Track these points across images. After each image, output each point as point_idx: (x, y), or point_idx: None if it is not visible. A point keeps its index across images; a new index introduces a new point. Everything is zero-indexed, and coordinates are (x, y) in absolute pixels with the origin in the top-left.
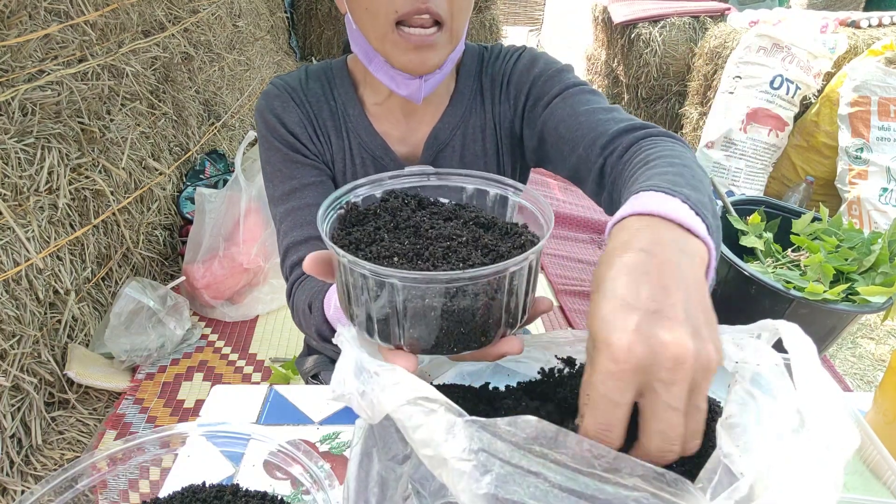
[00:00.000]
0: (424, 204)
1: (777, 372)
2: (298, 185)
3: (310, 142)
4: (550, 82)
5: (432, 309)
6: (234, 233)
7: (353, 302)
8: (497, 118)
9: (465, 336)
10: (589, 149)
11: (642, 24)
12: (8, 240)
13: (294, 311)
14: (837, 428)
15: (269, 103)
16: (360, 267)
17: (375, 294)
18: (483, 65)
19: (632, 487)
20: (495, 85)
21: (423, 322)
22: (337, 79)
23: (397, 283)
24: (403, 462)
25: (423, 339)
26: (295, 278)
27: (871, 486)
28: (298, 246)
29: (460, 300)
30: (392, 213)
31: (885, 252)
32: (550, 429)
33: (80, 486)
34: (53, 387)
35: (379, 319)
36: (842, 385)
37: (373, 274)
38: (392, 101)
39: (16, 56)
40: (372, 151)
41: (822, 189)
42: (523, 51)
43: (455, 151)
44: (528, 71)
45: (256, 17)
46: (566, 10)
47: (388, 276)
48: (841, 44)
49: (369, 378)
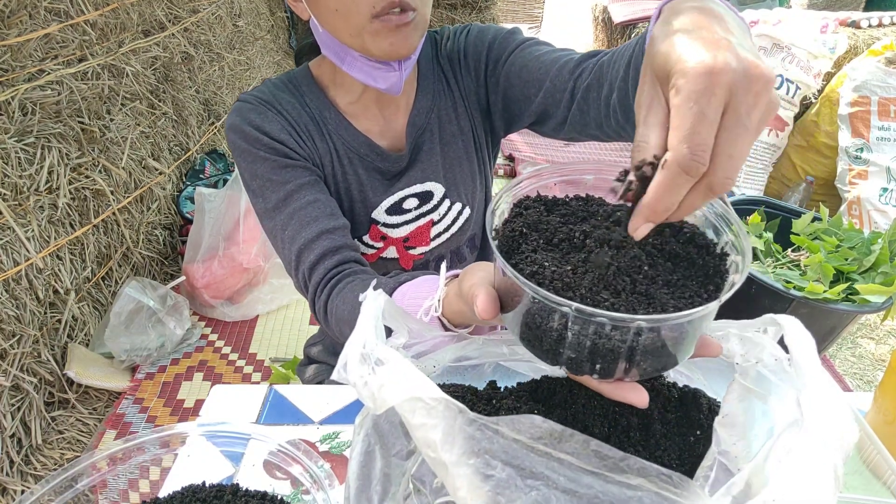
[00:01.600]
0: (550, 205)
1: (777, 368)
2: (294, 187)
3: (296, 146)
4: (504, 42)
5: (669, 339)
6: (234, 232)
7: (568, 348)
8: (464, 93)
9: (676, 361)
10: (555, 79)
11: (642, 24)
12: (8, 239)
13: (331, 319)
14: (836, 422)
15: (244, 116)
16: (594, 316)
17: (610, 335)
18: (437, 48)
19: (636, 487)
20: (454, 63)
21: (654, 355)
22: (304, 87)
23: (643, 324)
24: (408, 458)
25: (652, 366)
26: (319, 280)
27: (871, 486)
28: (312, 245)
29: (693, 325)
30: (535, 227)
31: (885, 252)
32: (556, 428)
33: (80, 485)
34: (53, 386)
35: (606, 360)
36: (842, 385)
37: (611, 321)
38: (367, 98)
39: (16, 55)
40: (357, 150)
41: (822, 189)
42: (470, 27)
43: (433, 134)
44: (482, 40)
45: (256, 17)
46: (566, 10)
47: (632, 321)
48: (841, 44)
49: (373, 367)
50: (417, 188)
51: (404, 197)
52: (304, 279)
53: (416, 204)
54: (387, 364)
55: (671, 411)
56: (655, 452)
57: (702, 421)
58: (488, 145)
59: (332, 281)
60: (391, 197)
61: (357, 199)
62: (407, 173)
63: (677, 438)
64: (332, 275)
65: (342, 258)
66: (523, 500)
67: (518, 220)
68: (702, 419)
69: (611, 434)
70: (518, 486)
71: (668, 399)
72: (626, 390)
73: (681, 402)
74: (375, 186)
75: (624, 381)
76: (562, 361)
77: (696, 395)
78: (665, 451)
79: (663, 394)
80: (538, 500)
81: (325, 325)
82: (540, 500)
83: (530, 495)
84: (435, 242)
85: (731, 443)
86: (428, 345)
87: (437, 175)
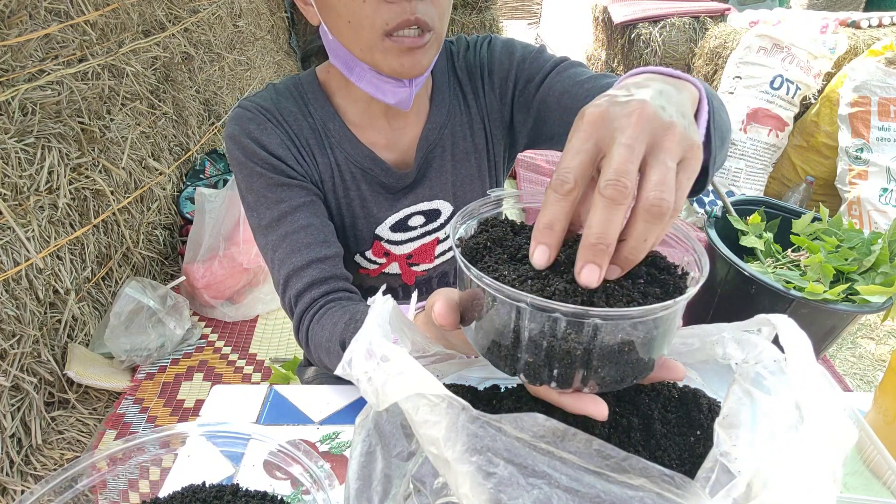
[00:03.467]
0: (517, 229)
1: (776, 369)
2: (288, 208)
3: (295, 162)
4: (536, 63)
5: (625, 344)
6: (235, 233)
7: (525, 351)
8: (484, 111)
9: (634, 374)
10: None
11: (642, 24)
12: (8, 240)
13: (310, 346)
14: (834, 423)
15: (243, 127)
16: (550, 311)
17: (566, 334)
18: (454, 59)
19: (638, 487)
20: (475, 77)
21: (612, 359)
22: (309, 94)
23: (598, 321)
24: (409, 459)
25: (611, 376)
26: (304, 309)
27: (871, 486)
28: (301, 273)
29: (650, 333)
30: (500, 243)
31: (885, 252)
32: (559, 427)
33: (80, 486)
34: (53, 387)
35: (563, 364)
36: (842, 385)
37: (571, 316)
38: (374, 109)
39: (16, 56)
40: (360, 163)
41: (822, 189)
42: (490, 38)
43: (445, 151)
44: (509, 57)
45: (257, 17)
46: (566, 10)
47: (587, 315)
48: (841, 44)
49: (378, 363)
50: (424, 206)
51: (410, 214)
52: (290, 305)
53: (422, 221)
54: (392, 361)
55: (671, 411)
56: (656, 452)
57: (702, 421)
58: (505, 160)
59: (315, 309)
60: (396, 214)
61: (360, 214)
62: (414, 190)
63: (677, 438)
64: (318, 305)
65: (329, 288)
66: (525, 499)
67: (483, 235)
68: (702, 419)
69: (611, 434)
70: (520, 484)
71: (668, 399)
72: (586, 402)
73: (681, 402)
74: (380, 202)
75: (583, 393)
76: (520, 368)
77: (696, 395)
78: (665, 451)
79: (663, 394)
80: (540, 498)
81: (306, 351)
82: (542, 499)
83: (532, 493)
84: (439, 260)
85: (731, 444)
86: (429, 360)
87: (447, 193)
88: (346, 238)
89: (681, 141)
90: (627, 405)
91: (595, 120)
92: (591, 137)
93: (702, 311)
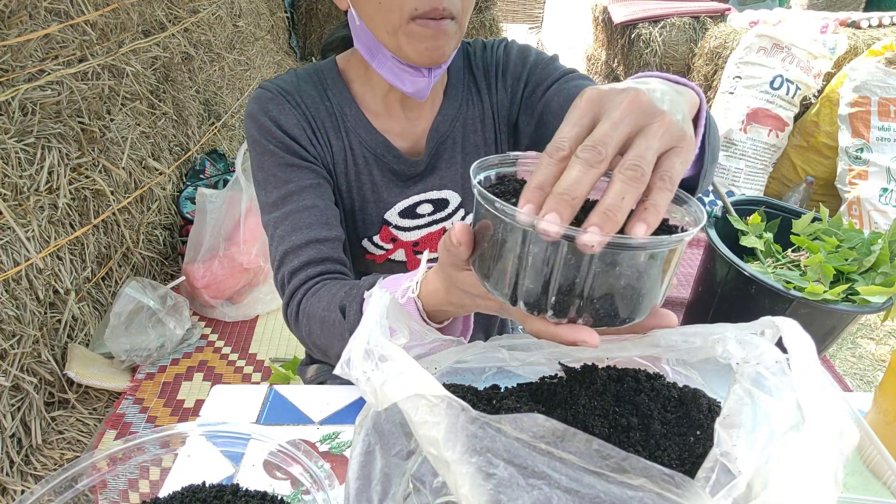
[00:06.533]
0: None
1: (778, 370)
2: (295, 188)
3: (309, 144)
4: (547, 69)
5: (622, 276)
6: (235, 233)
7: (527, 276)
8: (495, 107)
9: (629, 311)
10: None
11: (642, 24)
12: (8, 240)
13: (303, 320)
14: (837, 424)
15: (262, 106)
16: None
17: (567, 261)
18: (470, 58)
19: (638, 487)
20: (489, 75)
21: (609, 292)
22: (329, 80)
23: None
24: (408, 458)
25: (605, 308)
26: (297, 286)
27: (871, 486)
28: (298, 251)
29: (652, 266)
30: (514, 194)
31: (885, 252)
32: (559, 427)
33: (80, 486)
34: (53, 387)
35: (561, 291)
36: (842, 385)
37: (569, 239)
38: (391, 98)
39: (16, 56)
40: (373, 149)
41: (822, 189)
42: (508, 42)
43: (456, 143)
44: (524, 60)
45: (257, 17)
46: (566, 11)
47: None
48: (841, 44)
49: (377, 363)
50: (434, 195)
51: (419, 202)
52: (283, 281)
53: (430, 210)
54: (390, 361)
55: (671, 411)
56: (655, 452)
57: (702, 421)
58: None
59: (310, 284)
60: (406, 200)
61: (370, 198)
62: (424, 178)
63: (677, 438)
64: (311, 283)
65: (325, 269)
66: (525, 499)
67: (500, 186)
68: (702, 419)
69: (611, 434)
70: (520, 484)
71: (667, 399)
72: (581, 330)
73: (681, 402)
74: (390, 188)
75: (578, 324)
76: (520, 294)
77: (696, 395)
78: (665, 451)
79: (663, 394)
80: (540, 499)
81: (293, 325)
82: (541, 500)
83: (532, 494)
84: None
85: (732, 444)
86: (427, 348)
87: (456, 184)
88: (356, 221)
89: (670, 128)
90: (627, 405)
91: (593, 98)
92: (587, 114)
93: (702, 311)
